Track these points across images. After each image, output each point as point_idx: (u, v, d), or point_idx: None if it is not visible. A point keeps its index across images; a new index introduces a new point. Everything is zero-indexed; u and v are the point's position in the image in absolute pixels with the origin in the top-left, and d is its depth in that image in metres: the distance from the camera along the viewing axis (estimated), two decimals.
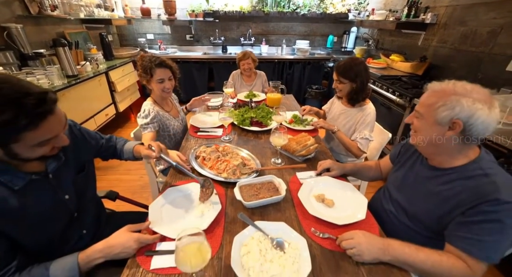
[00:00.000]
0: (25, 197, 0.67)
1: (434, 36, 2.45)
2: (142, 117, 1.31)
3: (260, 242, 0.72)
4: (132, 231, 0.74)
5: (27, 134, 0.58)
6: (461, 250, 0.68)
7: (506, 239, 0.66)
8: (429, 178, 0.83)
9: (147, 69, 1.29)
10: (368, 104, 1.43)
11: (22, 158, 0.63)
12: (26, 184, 0.67)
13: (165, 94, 1.37)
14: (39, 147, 0.63)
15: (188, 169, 0.96)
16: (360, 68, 1.34)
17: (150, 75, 1.30)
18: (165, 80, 1.33)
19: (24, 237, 0.68)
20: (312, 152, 1.20)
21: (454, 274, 0.67)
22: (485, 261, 0.66)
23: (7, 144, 0.58)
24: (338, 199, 0.93)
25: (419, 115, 0.78)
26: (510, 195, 0.65)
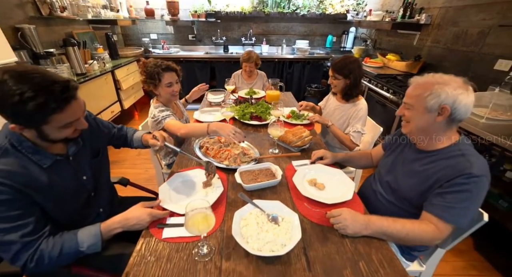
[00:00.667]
0: (52, 175, 0.78)
1: (429, 36, 2.54)
2: (159, 110, 1.32)
3: (258, 216, 0.82)
4: (146, 207, 0.85)
5: (55, 117, 0.68)
6: (435, 215, 0.80)
7: (473, 207, 0.79)
8: (415, 160, 0.93)
9: (154, 75, 1.29)
10: (360, 99, 1.53)
11: (50, 139, 0.74)
12: (52, 164, 0.78)
13: (174, 98, 1.41)
14: (64, 128, 0.73)
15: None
16: (353, 66, 1.44)
17: (158, 80, 1.30)
18: (173, 83, 1.35)
19: (52, 209, 0.78)
20: (307, 143, 1.30)
21: (424, 236, 0.79)
22: (453, 224, 0.79)
23: (39, 125, 0.69)
24: (329, 183, 1.04)
25: (409, 106, 0.87)
26: (480, 170, 0.77)
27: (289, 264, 0.71)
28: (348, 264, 0.71)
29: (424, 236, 0.79)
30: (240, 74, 2.43)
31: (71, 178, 0.85)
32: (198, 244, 0.76)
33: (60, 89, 0.66)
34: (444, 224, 0.78)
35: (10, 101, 0.62)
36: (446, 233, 0.79)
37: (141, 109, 3.85)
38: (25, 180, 0.70)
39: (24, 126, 0.69)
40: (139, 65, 1.38)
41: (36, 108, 0.64)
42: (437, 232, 0.78)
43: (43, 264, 0.70)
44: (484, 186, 0.78)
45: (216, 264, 0.71)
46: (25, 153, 0.73)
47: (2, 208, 0.67)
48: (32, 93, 0.63)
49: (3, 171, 0.67)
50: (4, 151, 0.70)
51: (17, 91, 0.61)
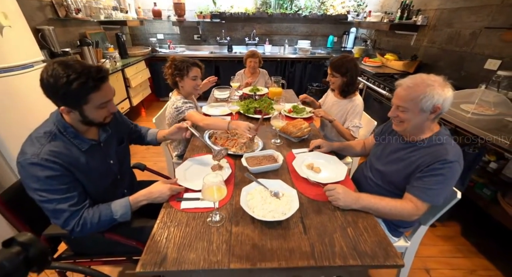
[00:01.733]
0: (88, 157, 0.92)
1: (425, 37, 2.66)
2: (183, 102, 1.45)
3: (262, 192, 0.96)
4: (165, 183, 0.99)
5: (93, 95, 0.82)
6: (414, 195, 0.93)
7: (446, 188, 0.92)
8: (401, 149, 1.07)
9: (183, 67, 1.43)
10: (356, 96, 1.66)
11: (90, 120, 0.87)
12: (89, 148, 0.93)
13: (195, 91, 1.56)
14: (100, 109, 0.86)
15: None
16: (350, 65, 1.57)
17: (186, 72, 1.44)
18: (198, 77, 1.50)
19: (89, 186, 0.93)
20: (306, 134, 1.44)
21: (404, 212, 0.92)
22: (429, 203, 0.92)
23: (82, 104, 0.82)
24: (324, 167, 1.17)
25: (404, 109, 0.94)
26: (454, 157, 0.90)
27: (288, 229, 0.84)
28: (338, 230, 0.85)
29: (404, 212, 0.92)
30: (243, 73, 2.56)
31: (102, 161, 0.99)
32: (211, 214, 0.90)
33: (95, 71, 0.81)
34: (421, 203, 0.91)
35: (60, 82, 0.77)
36: (423, 210, 0.92)
37: (148, 106, 4.01)
38: (70, 159, 0.85)
39: (71, 107, 0.83)
40: (170, 59, 1.50)
41: (79, 86, 0.78)
42: (415, 208, 0.91)
43: (86, 228, 0.85)
44: (456, 170, 0.91)
45: (227, 228, 0.84)
46: (69, 138, 0.88)
47: (54, 182, 0.81)
48: (76, 75, 0.77)
49: (54, 152, 0.81)
50: (53, 135, 0.85)
51: (64, 74, 0.77)
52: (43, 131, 0.85)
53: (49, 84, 0.78)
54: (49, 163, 0.79)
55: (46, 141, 0.83)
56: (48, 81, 0.78)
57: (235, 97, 2.15)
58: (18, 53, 1.58)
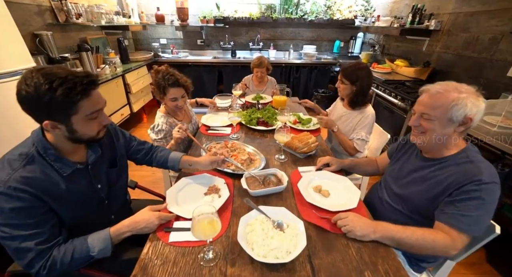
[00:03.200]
0: (70, 182, 0.80)
1: (438, 42, 2.51)
2: (156, 132, 1.38)
3: (263, 223, 0.83)
4: (153, 210, 0.86)
5: (82, 103, 0.71)
6: (447, 224, 0.78)
7: (486, 214, 0.77)
8: (422, 167, 0.92)
9: (160, 87, 1.32)
10: (368, 107, 1.52)
11: (79, 136, 0.75)
12: (72, 172, 0.80)
13: (178, 110, 1.45)
14: (91, 120, 0.75)
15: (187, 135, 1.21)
16: (362, 73, 1.44)
17: (163, 93, 1.33)
18: (178, 98, 1.36)
19: (67, 215, 0.80)
20: (313, 150, 1.30)
21: (437, 245, 0.76)
22: (466, 233, 0.76)
23: (69, 115, 0.71)
24: (334, 190, 1.03)
25: (429, 117, 0.83)
26: (490, 177, 0.76)
27: (293, 272, 0.71)
28: (354, 274, 0.71)
29: (437, 244, 0.77)
30: (251, 80, 2.44)
31: (87, 185, 0.87)
32: (204, 249, 0.77)
33: (84, 75, 0.71)
34: (457, 233, 0.76)
35: (42, 90, 0.65)
36: (461, 242, 0.76)
37: (150, 111, 3.93)
38: (46, 187, 0.73)
39: (56, 120, 0.71)
40: (151, 72, 1.38)
41: (66, 92, 0.67)
42: (450, 241, 0.76)
43: (55, 269, 0.72)
44: (495, 193, 0.76)
45: (221, 270, 0.71)
46: (49, 161, 0.76)
47: (21, 215, 0.69)
48: (60, 80, 0.67)
49: (27, 178, 0.70)
50: (30, 158, 0.73)
51: (46, 81, 0.66)
52: (19, 152, 0.74)
53: (29, 95, 0.66)
54: (18, 192, 0.68)
55: (19, 165, 0.71)
56: (27, 92, 0.66)
57: (236, 106, 2.04)
58: (6, 60, 1.50)
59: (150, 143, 1.18)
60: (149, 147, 1.16)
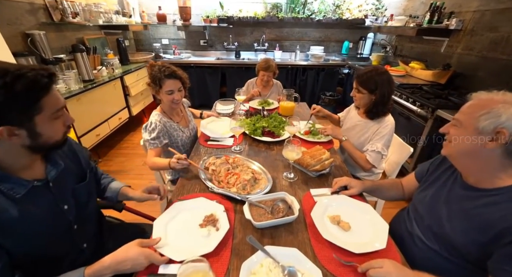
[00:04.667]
0: (25, 205, 0.65)
1: (459, 43, 2.31)
2: (149, 131, 1.26)
3: (270, 270, 0.66)
4: (142, 246, 0.70)
5: (46, 100, 0.61)
6: None
7: None
8: (466, 198, 0.74)
9: (156, 80, 1.23)
10: (387, 116, 1.34)
11: (43, 141, 0.64)
12: (28, 192, 0.66)
13: (174, 105, 1.33)
14: (56, 119, 0.66)
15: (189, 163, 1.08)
16: (382, 79, 1.26)
17: (159, 86, 1.25)
18: (175, 91, 1.28)
19: (21, 249, 0.65)
20: (327, 167, 1.13)
21: None
22: None
23: (33, 115, 0.61)
24: (355, 222, 0.86)
25: (457, 123, 0.73)
26: None
27: None
28: None
29: None
30: (255, 83, 2.26)
31: (49, 207, 0.72)
32: None
33: (40, 68, 0.62)
34: None
35: None
36: None
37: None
38: None
39: (16, 124, 0.59)
40: (147, 67, 1.31)
41: (27, 87, 0.58)
42: None
43: None
44: None
45: None
46: None
47: None
48: (13, 75, 0.57)
49: None
50: None
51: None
52: None
53: None
54: None
55: None
56: None
57: (240, 112, 1.88)
58: None
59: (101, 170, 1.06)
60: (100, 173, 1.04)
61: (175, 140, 1.38)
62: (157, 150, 1.25)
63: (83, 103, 2.21)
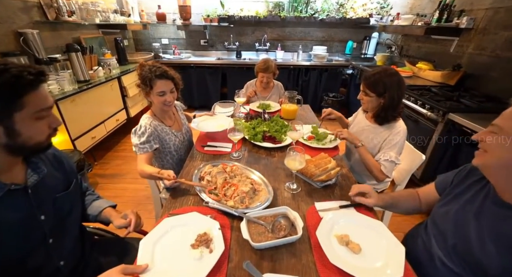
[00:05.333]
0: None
1: (470, 42, 2.20)
2: (138, 135, 1.18)
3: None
4: (126, 274, 0.62)
5: (30, 98, 0.59)
6: None
7: None
8: (501, 217, 0.65)
9: (146, 80, 1.14)
10: (398, 121, 1.24)
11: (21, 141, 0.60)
12: (3, 195, 0.61)
13: (166, 108, 1.24)
14: (39, 119, 0.63)
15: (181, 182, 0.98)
16: (392, 81, 1.16)
17: (150, 87, 1.16)
18: (167, 92, 1.19)
19: None
20: (333, 177, 1.04)
21: None
22: None
23: (12, 111, 0.57)
24: (366, 243, 0.76)
25: (496, 129, 0.63)
26: None
27: None
28: None
29: None
30: (255, 85, 2.16)
31: (24, 216, 0.65)
32: None
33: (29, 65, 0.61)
34: None
35: None
36: None
37: None
38: None
39: None
40: (137, 67, 1.22)
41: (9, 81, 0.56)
42: None
43: None
44: None
45: None
46: None
47: None
48: (2, 66, 0.57)
49: None
50: None
51: None
52: None
53: None
54: None
55: None
56: None
57: (240, 115, 1.79)
58: None
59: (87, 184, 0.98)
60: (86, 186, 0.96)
61: (167, 144, 1.29)
62: (148, 155, 1.16)
63: (78, 105, 2.13)
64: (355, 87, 3.52)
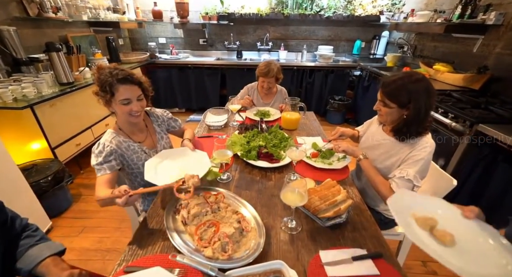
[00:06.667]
0: None
1: (498, 41, 1.94)
2: (95, 154, 0.97)
3: None
4: None
5: None
6: None
7: None
8: None
9: (105, 85, 0.92)
10: (425, 138, 1.00)
11: None
12: None
13: (134, 119, 1.02)
14: None
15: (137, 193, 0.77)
16: (418, 89, 0.92)
17: (111, 94, 0.94)
18: (132, 100, 0.97)
19: None
20: (343, 213, 0.81)
21: None
22: None
23: None
24: None
25: None
26: None
27: None
28: None
29: None
30: (256, 89, 1.93)
31: None
32: None
33: None
34: None
35: None
36: None
37: None
38: None
39: None
40: (93, 70, 0.99)
41: None
42: None
43: None
44: None
45: None
46: None
47: None
48: None
49: None
50: None
51: None
52: None
53: None
54: None
55: None
56: None
57: (234, 124, 1.57)
58: None
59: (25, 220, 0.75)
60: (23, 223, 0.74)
61: (134, 165, 1.07)
62: (107, 178, 0.94)
63: (59, 109, 1.94)
64: (363, 90, 3.27)
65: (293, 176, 1.03)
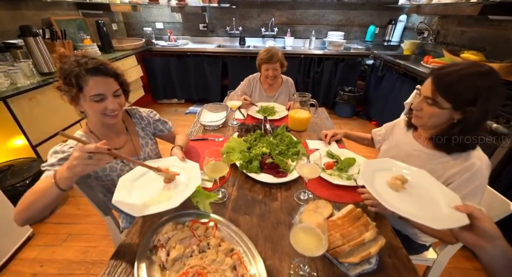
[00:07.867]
0: None
1: None
2: (50, 154, 0.76)
3: None
4: None
5: None
6: None
7: None
8: None
9: (70, 77, 0.72)
10: (475, 152, 0.77)
11: None
12: None
13: (109, 120, 0.81)
14: None
15: None
16: (489, 86, 0.68)
17: (78, 88, 0.73)
18: (107, 96, 0.77)
19: None
20: (373, 257, 0.60)
21: None
22: None
23: None
24: None
25: None
26: None
27: None
28: None
29: None
30: (259, 80, 1.69)
31: None
32: None
33: None
34: None
35: None
36: None
37: None
38: None
39: None
40: (54, 58, 0.77)
41: None
42: None
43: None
44: None
45: None
46: None
47: None
48: None
49: None
50: None
51: None
52: None
53: None
54: None
55: None
56: None
57: (233, 123, 1.36)
58: None
59: None
60: None
61: (106, 176, 0.87)
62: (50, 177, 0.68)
63: (40, 103, 1.74)
64: (376, 81, 3.00)
65: (304, 195, 0.83)
